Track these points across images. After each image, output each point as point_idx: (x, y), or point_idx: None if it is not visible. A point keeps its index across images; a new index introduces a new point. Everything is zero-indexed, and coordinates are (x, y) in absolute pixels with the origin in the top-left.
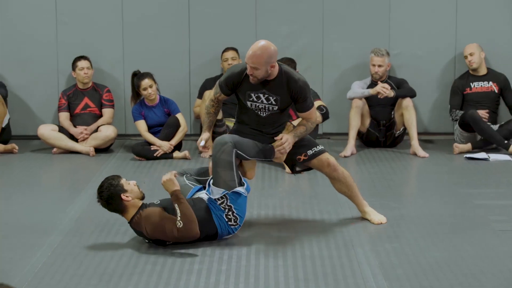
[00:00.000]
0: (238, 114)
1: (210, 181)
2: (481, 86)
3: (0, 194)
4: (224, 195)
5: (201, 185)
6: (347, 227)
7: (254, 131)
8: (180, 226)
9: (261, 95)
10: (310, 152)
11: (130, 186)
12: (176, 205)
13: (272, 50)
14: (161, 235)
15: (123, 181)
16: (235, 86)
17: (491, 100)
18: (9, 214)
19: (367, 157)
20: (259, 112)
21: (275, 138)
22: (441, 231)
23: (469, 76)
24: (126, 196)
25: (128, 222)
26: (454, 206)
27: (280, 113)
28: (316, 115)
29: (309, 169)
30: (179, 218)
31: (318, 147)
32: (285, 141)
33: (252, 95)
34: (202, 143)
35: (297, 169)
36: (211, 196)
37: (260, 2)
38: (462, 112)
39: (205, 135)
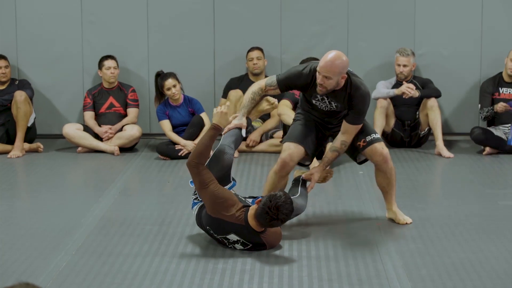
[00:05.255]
0: (301, 103)
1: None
2: (510, 92)
3: (25, 193)
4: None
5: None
6: (372, 227)
7: (317, 118)
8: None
9: (325, 98)
10: (368, 138)
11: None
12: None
13: (345, 60)
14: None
15: None
16: (296, 87)
17: None
18: (34, 212)
19: (392, 158)
20: (321, 107)
21: (303, 176)
22: (465, 232)
23: (500, 80)
24: None
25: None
26: (479, 206)
27: (339, 111)
28: (353, 137)
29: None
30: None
31: (376, 134)
32: (316, 178)
33: (318, 96)
34: (244, 132)
35: (361, 158)
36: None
37: (285, 2)
38: (489, 110)
39: (244, 121)
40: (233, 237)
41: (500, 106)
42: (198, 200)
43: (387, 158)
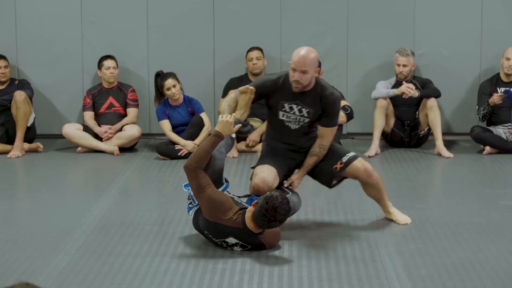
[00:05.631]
0: (268, 130)
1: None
2: None
3: (25, 193)
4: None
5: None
6: (371, 227)
7: (287, 145)
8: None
9: (294, 106)
10: (344, 158)
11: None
12: (208, 141)
13: (317, 55)
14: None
15: None
16: (266, 94)
17: None
18: (34, 213)
19: (392, 157)
20: (289, 125)
21: (285, 185)
22: (465, 232)
23: (498, 80)
24: None
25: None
26: (479, 206)
27: (309, 126)
28: (331, 139)
29: (343, 179)
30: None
31: (350, 153)
32: (296, 185)
33: (285, 105)
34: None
35: (334, 182)
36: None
37: (285, 2)
38: (485, 107)
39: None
40: (231, 240)
41: (496, 97)
42: (193, 204)
43: (371, 171)
